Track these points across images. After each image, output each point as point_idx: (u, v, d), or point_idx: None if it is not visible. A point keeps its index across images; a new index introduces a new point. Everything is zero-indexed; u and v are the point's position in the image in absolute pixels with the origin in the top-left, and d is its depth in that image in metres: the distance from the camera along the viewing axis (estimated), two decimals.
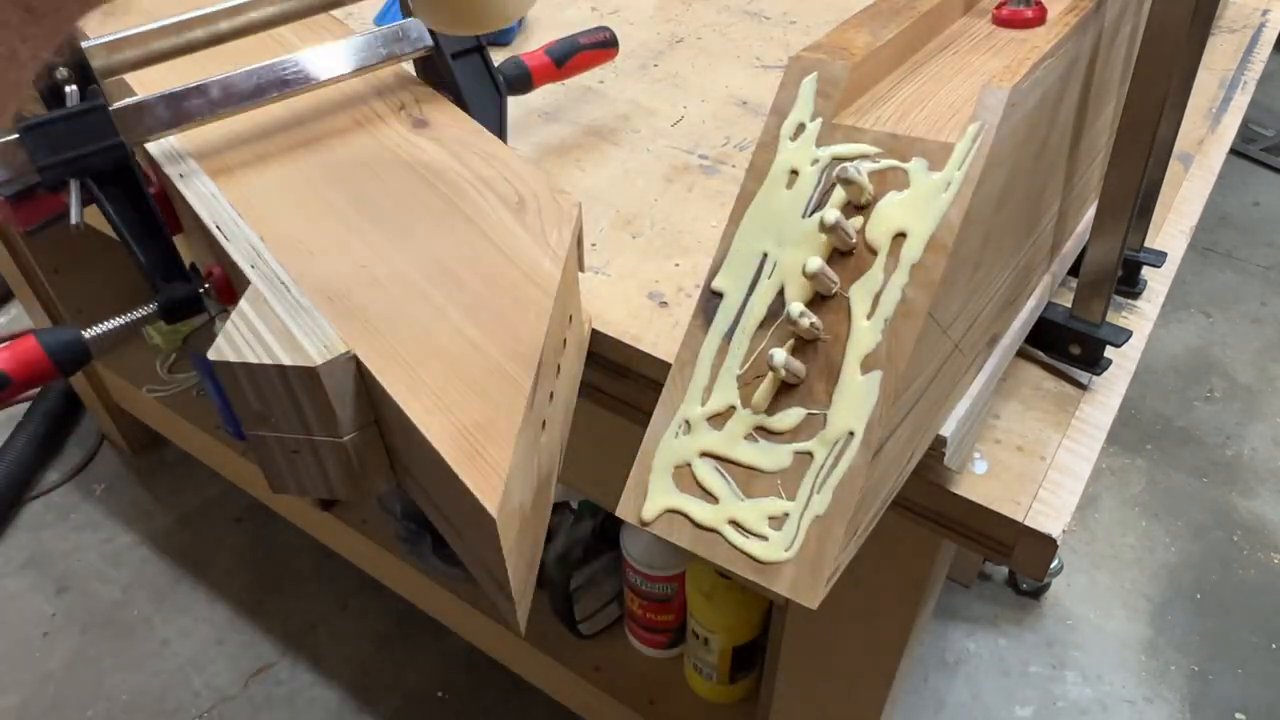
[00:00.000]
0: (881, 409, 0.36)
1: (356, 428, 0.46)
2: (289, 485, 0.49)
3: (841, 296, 0.37)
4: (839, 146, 0.39)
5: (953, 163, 0.37)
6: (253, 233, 0.51)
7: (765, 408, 0.38)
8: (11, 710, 1.27)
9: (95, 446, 1.60)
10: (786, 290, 0.38)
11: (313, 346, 0.44)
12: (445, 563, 1.14)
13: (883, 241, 0.37)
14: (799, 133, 0.39)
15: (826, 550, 0.36)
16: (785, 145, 0.39)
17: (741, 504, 0.37)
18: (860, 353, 0.36)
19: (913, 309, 0.36)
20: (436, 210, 0.53)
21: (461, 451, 0.41)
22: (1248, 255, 1.93)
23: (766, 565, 0.36)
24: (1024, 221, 0.45)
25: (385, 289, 0.49)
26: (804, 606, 0.67)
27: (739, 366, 0.39)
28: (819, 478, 0.36)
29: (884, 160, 0.38)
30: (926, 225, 0.36)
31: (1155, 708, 1.24)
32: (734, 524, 0.37)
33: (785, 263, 0.38)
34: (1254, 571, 1.39)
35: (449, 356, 0.45)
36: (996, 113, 0.37)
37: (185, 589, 1.40)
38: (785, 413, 0.37)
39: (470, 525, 0.42)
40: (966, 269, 0.39)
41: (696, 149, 0.72)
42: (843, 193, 0.38)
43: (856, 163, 0.38)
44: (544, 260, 0.49)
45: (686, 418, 0.39)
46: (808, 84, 0.39)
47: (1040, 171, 0.45)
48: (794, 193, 0.39)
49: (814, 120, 0.39)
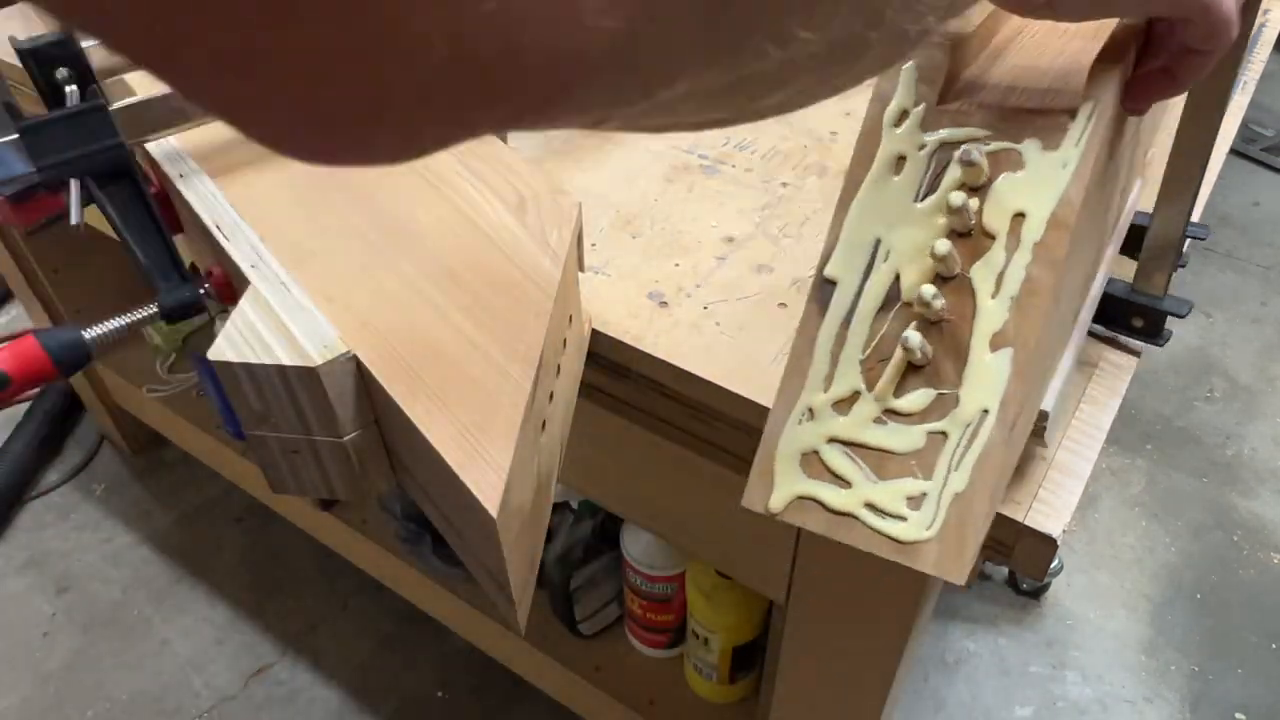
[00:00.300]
0: (1014, 385, 0.36)
1: (356, 428, 0.46)
2: (289, 485, 0.49)
3: (963, 277, 0.38)
4: (947, 131, 0.39)
5: (1069, 141, 0.37)
6: (253, 233, 0.51)
7: (892, 390, 0.38)
8: (11, 710, 1.27)
9: (95, 446, 1.60)
10: (904, 274, 0.39)
11: (313, 346, 0.44)
12: (445, 563, 1.14)
13: (1001, 222, 0.37)
14: (902, 119, 0.40)
15: (969, 527, 0.36)
16: (890, 132, 0.40)
17: (876, 486, 0.38)
18: (988, 331, 0.37)
19: (1038, 286, 0.37)
20: (436, 210, 0.53)
21: (461, 451, 0.41)
22: (1248, 255, 1.93)
23: (908, 545, 0.37)
24: (1106, 197, 0.46)
25: (385, 289, 0.49)
26: (804, 606, 0.67)
27: (861, 351, 0.39)
28: (955, 456, 0.37)
29: (995, 142, 0.38)
30: (1047, 204, 0.37)
31: (1155, 708, 1.24)
32: (870, 507, 0.38)
33: (901, 247, 0.39)
34: (1254, 571, 1.39)
35: (449, 356, 0.45)
36: (1109, 90, 0.38)
37: (185, 589, 1.40)
38: (914, 394, 0.38)
39: (470, 525, 0.42)
40: (1080, 245, 0.40)
41: (696, 149, 0.72)
42: (955, 176, 0.38)
43: (969, 145, 0.38)
44: (544, 260, 0.49)
45: (810, 405, 0.39)
46: (908, 70, 0.40)
47: (1120, 146, 0.45)
48: (903, 178, 0.39)
49: (917, 106, 0.40)
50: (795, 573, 0.64)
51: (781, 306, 0.58)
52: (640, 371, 0.57)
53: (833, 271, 0.40)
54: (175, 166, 0.56)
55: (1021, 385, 0.36)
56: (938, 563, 0.36)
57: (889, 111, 0.40)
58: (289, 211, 0.53)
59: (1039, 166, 0.37)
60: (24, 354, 0.47)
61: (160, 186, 0.57)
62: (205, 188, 0.55)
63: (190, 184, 0.55)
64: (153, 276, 0.52)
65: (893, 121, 0.40)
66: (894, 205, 0.39)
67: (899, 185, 0.39)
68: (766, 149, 0.71)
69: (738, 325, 0.57)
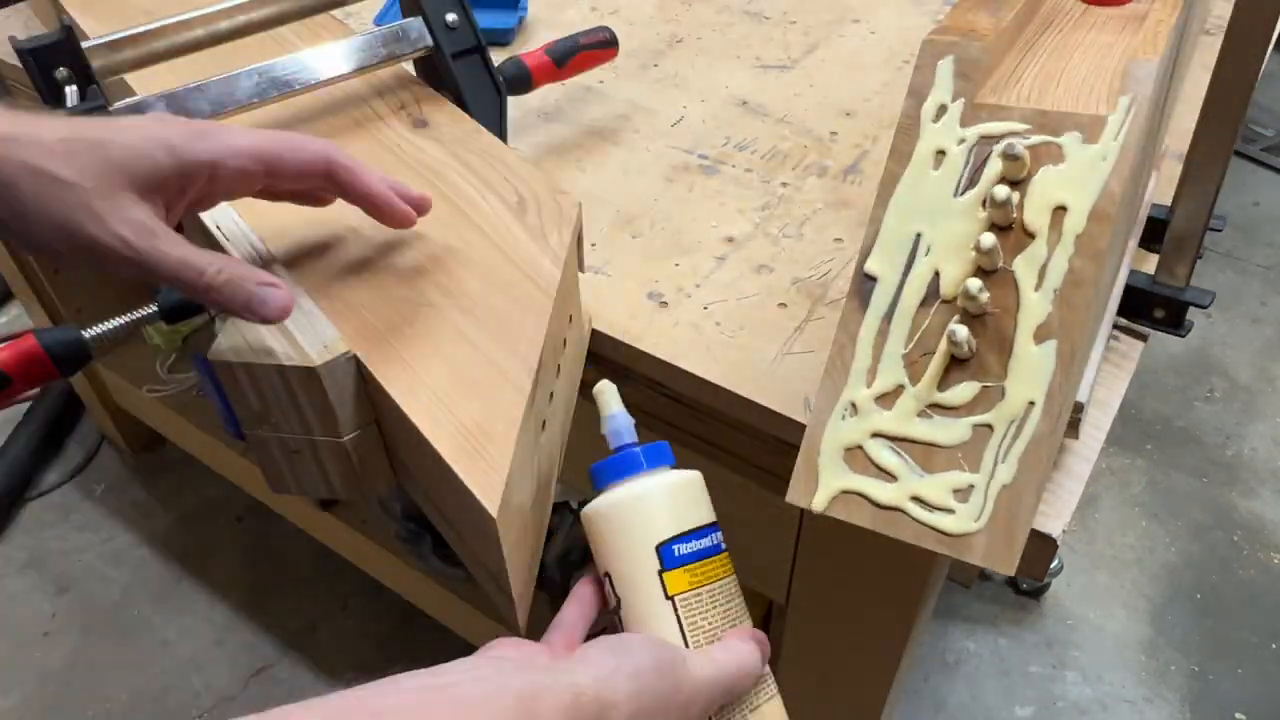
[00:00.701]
0: (1059, 377, 0.37)
1: (356, 428, 0.46)
2: (289, 485, 0.49)
3: (1004, 271, 0.38)
4: (986, 125, 0.39)
5: (1108, 134, 0.38)
6: (253, 233, 0.51)
7: (936, 384, 0.38)
8: (11, 710, 1.27)
9: (95, 446, 1.60)
10: (945, 268, 0.39)
11: (313, 347, 0.44)
12: (445, 563, 1.14)
13: (1042, 215, 0.38)
14: (940, 114, 0.40)
15: (1018, 517, 0.36)
16: (928, 127, 0.40)
17: (922, 480, 0.38)
18: (1032, 324, 0.37)
19: (1081, 278, 0.37)
20: (436, 210, 0.53)
21: (462, 451, 0.41)
22: (1248, 255, 1.92)
23: (957, 538, 0.37)
24: (1137, 190, 0.46)
25: (385, 289, 0.49)
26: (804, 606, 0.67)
27: (903, 346, 0.39)
28: (1002, 448, 0.37)
29: (1035, 136, 0.39)
30: (1088, 197, 0.37)
31: (1155, 708, 1.24)
32: (917, 500, 0.38)
33: (941, 241, 0.39)
34: (1254, 571, 1.39)
35: (449, 357, 0.45)
36: (1146, 84, 0.38)
37: (185, 589, 1.40)
38: (958, 387, 0.38)
39: (470, 525, 0.42)
40: (1118, 237, 0.40)
41: (696, 149, 0.72)
42: (995, 170, 0.38)
43: (1012, 139, 0.38)
44: (544, 260, 0.49)
45: (853, 400, 0.40)
46: (945, 66, 0.40)
47: (1151, 139, 0.46)
48: (942, 173, 0.40)
49: (955, 101, 0.40)
50: (795, 573, 0.64)
51: (781, 306, 0.58)
52: (640, 371, 0.57)
53: (873, 267, 0.40)
54: None
55: (1066, 377, 0.37)
56: (986, 554, 0.37)
57: (927, 107, 0.40)
58: (288, 212, 0.53)
59: (1079, 159, 0.38)
60: (24, 354, 0.47)
61: None
62: None
63: None
64: None
65: (931, 117, 0.40)
66: (934, 200, 0.40)
67: (938, 180, 0.40)
68: (766, 149, 0.71)
69: (738, 325, 0.57)
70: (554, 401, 0.49)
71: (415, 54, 0.62)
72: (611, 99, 0.78)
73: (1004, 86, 0.41)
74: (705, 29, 0.87)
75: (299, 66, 0.59)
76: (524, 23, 0.87)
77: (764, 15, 0.89)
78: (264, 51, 0.62)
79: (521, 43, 0.85)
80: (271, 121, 0.60)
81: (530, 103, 0.76)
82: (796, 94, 0.78)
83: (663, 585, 0.41)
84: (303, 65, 0.59)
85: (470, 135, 0.59)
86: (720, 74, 0.80)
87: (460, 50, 0.62)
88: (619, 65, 0.81)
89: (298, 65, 0.59)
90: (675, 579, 0.41)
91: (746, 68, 0.81)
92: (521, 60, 0.67)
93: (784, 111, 0.76)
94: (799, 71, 0.80)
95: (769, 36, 0.86)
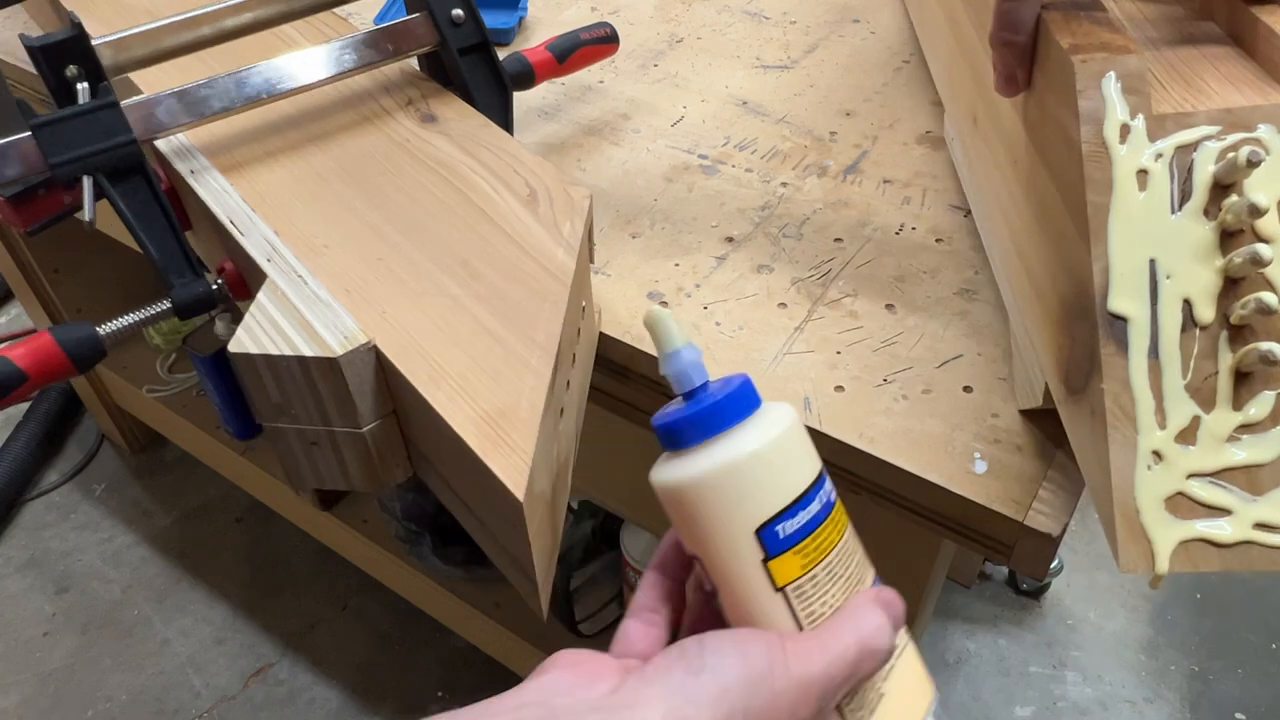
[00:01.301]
0: None
1: (375, 418, 0.47)
2: (306, 477, 0.49)
3: (1254, 276, 0.37)
4: (1178, 135, 0.38)
5: None
6: (267, 227, 0.52)
7: (1232, 404, 0.38)
8: (11, 710, 1.27)
9: (95, 446, 1.60)
10: (1192, 288, 0.38)
11: (333, 337, 0.45)
12: (445, 563, 1.14)
13: (1273, 211, 0.37)
14: (1125, 135, 0.39)
15: None
16: (1117, 150, 0.39)
17: (1257, 503, 0.37)
18: None
19: None
20: (449, 203, 0.53)
21: (485, 438, 0.41)
22: None
23: None
24: None
25: (402, 281, 0.49)
26: None
27: (1183, 376, 0.38)
28: None
29: (1230, 135, 0.38)
30: None
31: (1155, 708, 1.24)
32: (1261, 526, 0.37)
33: (1178, 263, 0.38)
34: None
35: (468, 346, 0.45)
36: None
37: (185, 589, 1.40)
38: (1258, 401, 0.37)
39: (494, 512, 0.43)
40: None
41: (696, 149, 0.72)
42: (1204, 178, 0.38)
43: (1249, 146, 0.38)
44: (558, 251, 0.50)
45: (1153, 449, 0.38)
46: (1109, 85, 0.39)
47: None
48: (1151, 193, 0.38)
49: (1135, 118, 0.39)
50: None
51: (781, 306, 0.58)
52: (640, 371, 0.57)
53: (1119, 307, 0.38)
54: (186, 163, 0.56)
55: None
56: None
57: (1108, 130, 0.39)
58: (301, 206, 0.53)
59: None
60: (41, 351, 0.47)
61: (169, 183, 0.57)
62: (217, 183, 0.55)
63: (202, 180, 0.55)
64: (167, 272, 0.52)
65: (1117, 139, 0.39)
66: (1154, 222, 0.38)
67: (1149, 201, 0.38)
68: (766, 149, 0.72)
69: (738, 325, 0.57)
70: (569, 390, 0.50)
71: (421, 50, 0.62)
72: (612, 99, 0.78)
73: (1159, 93, 0.40)
74: (705, 29, 0.87)
75: (305, 63, 0.59)
76: (524, 22, 0.87)
77: (764, 15, 0.89)
78: (268, 50, 0.63)
79: (521, 42, 0.85)
80: (280, 118, 0.60)
81: (530, 102, 0.77)
82: (796, 94, 0.78)
83: (769, 577, 0.34)
84: (309, 62, 0.59)
85: (478, 129, 0.59)
86: (720, 74, 0.80)
87: (466, 46, 0.62)
88: (619, 65, 0.81)
89: (304, 62, 0.59)
90: (784, 566, 0.34)
91: (746, 68, 0.81)
92: (523, 56, 0.67)
93: (784, 111, 0.76)
94: (799, 71, 0.81)
95: (769, 36, 0.86)
